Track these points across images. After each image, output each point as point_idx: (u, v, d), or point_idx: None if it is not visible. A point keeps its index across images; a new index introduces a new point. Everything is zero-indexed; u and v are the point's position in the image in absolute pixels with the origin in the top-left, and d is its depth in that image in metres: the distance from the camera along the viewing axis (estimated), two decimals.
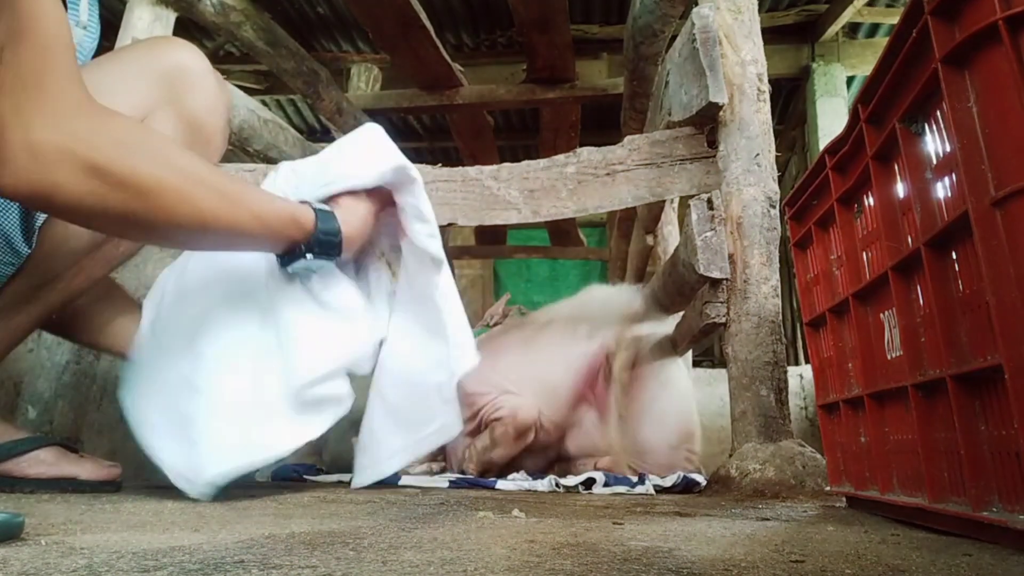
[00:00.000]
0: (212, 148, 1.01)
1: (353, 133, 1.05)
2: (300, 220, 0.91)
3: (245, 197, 0.84)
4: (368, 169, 0.98)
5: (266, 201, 0.88)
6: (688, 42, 1.38)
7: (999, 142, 0.55)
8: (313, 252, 0.92)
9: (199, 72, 0.99)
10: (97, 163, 0.68)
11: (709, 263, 1.28)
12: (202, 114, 0.98)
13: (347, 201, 0.98)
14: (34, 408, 1.39)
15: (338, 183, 0.97)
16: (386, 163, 0.99)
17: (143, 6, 1.85)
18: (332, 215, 0.95)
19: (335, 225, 0.94)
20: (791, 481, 1.10)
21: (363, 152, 1.01)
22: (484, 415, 1.58)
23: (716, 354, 4.96)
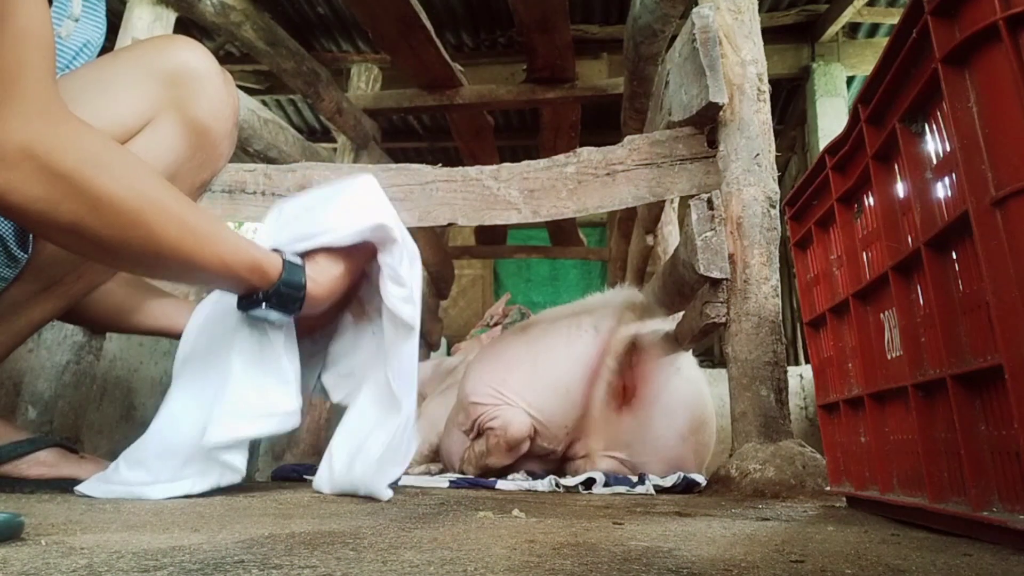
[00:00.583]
0: (218, 153, 0.99)
1: (347, 182, 1.01)
2: (265, 268, 0.88)
3: (210, 234, 0.81)
4: (347, 226, 0.94)
5: (232, 242, 0.84)
6: (688, 42, 1.38)
7: (999, 142, 0.55)
8: (270, 303, 0.89)
9: (205, 74, 0.95)
10: (56, 169, 0.67)
11: (709, 263, 1.28)
12: (208, 119, 0.95)
13: (323, 259, 0.94)
14: (34, 408, 1.39)
15: (316, 239, 0.93)
16: (366, 221, 0.94)
17: (143, 6, 1.85)
18: (301, 269, 0.91)
19: (300, 280, 0.91)
20: (791, 481, 1.10)
21: (349, 206, 0.97)
22: (480, 423, 1.58)
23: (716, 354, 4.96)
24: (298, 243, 0.93)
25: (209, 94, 0.95)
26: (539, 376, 1.58)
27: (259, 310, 0.90)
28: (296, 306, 0.91)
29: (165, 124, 0.92)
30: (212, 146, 0.97)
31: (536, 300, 6.21)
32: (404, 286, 0.96)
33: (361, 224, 0.94)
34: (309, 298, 0.91)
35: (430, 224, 1.52)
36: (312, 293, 0.91)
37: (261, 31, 2.15)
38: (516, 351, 1.67)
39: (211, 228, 0.82)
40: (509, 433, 1.53)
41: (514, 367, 1.61)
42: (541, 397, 1.56)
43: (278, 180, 1.56)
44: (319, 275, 0.93)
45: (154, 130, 0.92)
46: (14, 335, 0.93)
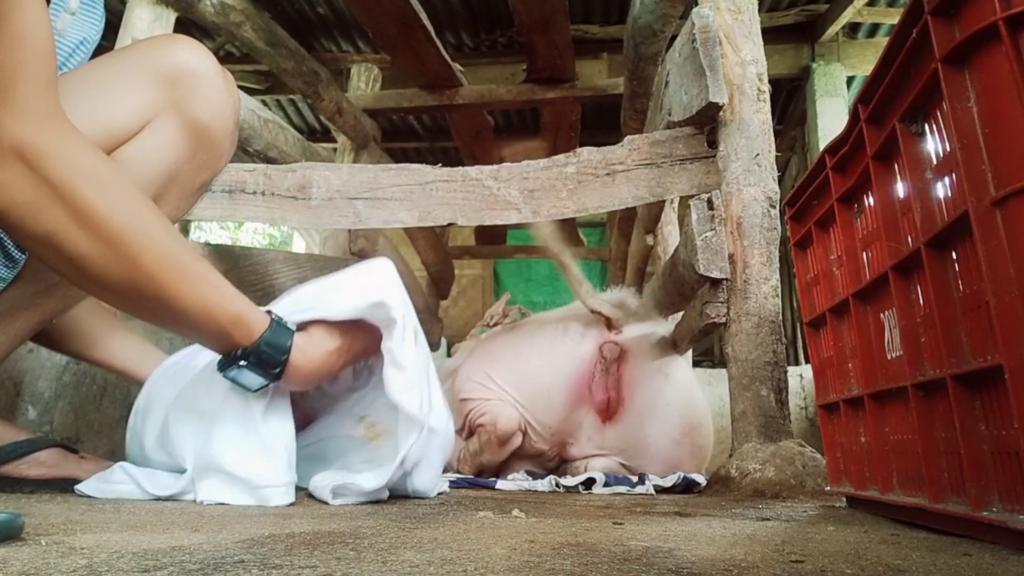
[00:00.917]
0: (218, 153, 0.97)
1: (365, 264, 0.97)
2: (249, 322, 0.82)
3: (195, 274, 0.77)
4: (345, 302, 0.90)
5: (217, 288, 0.80)
6: (688, 42, 1.38)
7: (999, 142, 0.55)
8: (249, 361, 0.83)
9: (205, 74, 0.93)
10: (45, 175, 0.66)
11: (709, 263, 1.28)
12: (208, 119, 0.93)
13: (317, 331, 0.89)
14: (34, 408, 1.39)
15: (312, 312, 0.90)
16: (365, 298, 0.90)
17: (143, 6, 1.85)
18: (290, 334, 0.86)
19: (285, 343, 0.85)
20: (791, 481, 1.10)
21: (354, 285, 0.92)
22: (471, 420, 1.58)
23: (716, 354, 4.96)
24: (296, 314, 0.89)
25: (209, 94, 0.93)
26: (522, 372, 1.58)
27: (235, 369, 0.84)
28: (276, 371, 0.85)
29: (165, 125, 0.91)
30: (213, 146, 0.95)
31: (536, 300, 6.21)
32: (405, 371, 0.89)
33: (359, 301, 0.90)
34: (293, 366, 0.85)
35: (430, 224, 1.52)
36: (297, 362, 0.85)
37: (261, 31, 2.15)
38: (502, 346, 1.68)
39: (197, 268, 0.78)
40: (499, 427, 1.53)
41: (498, 360, 1.62)
42: (525, 393, 1.56)
43: (278, 180, 1.56)
44: (309, 346, 0.87)
45: (154, 131, 0.90)
46: (13, 336, 0.93)
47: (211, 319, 0.79)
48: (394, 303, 0.90)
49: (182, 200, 0.98)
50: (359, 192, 1.54)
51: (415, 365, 0.90)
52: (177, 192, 0.96)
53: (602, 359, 1.55)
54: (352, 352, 0.92)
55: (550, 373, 1.56)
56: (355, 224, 1.56)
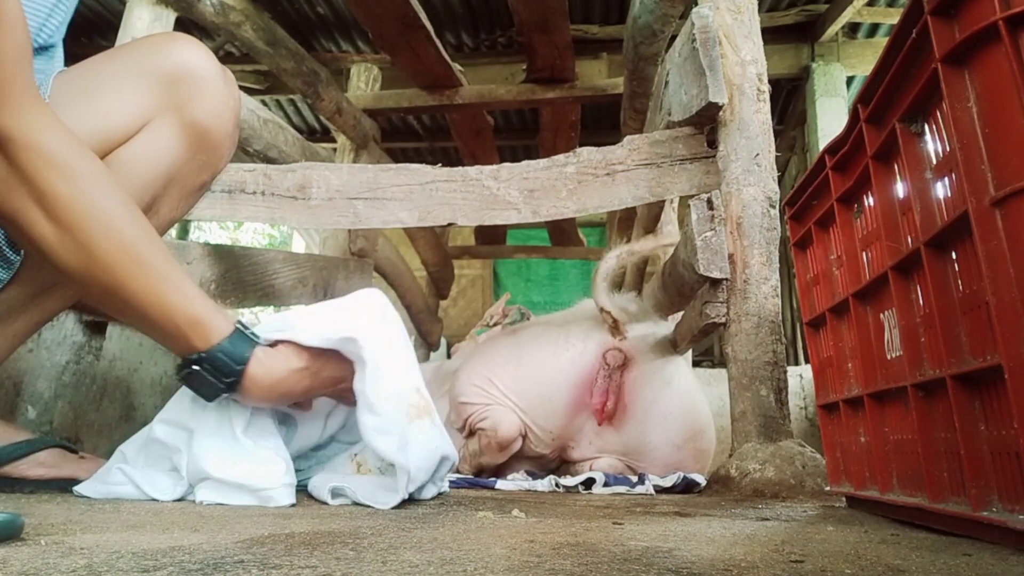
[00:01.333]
0: (218, 154, 0.96)
1: (355, 295, 0.96)
2: (207, 327, 0.81)
3: (158, 271, 0.76)
4: (314, 330, 0.88)
5: (179, 288, 0.79)
6: (688, 42, 1.38)
7: (999, 142, 0.55)
8: (203, 366, 0.82)
9: (206, 74, 0.92)
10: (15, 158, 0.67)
11: (709, 263, 1.28)
12: (207, 120, 0.92)
13: (285, 349, 0.87)
14: (34, 408, 1.39)
15: (284, 332, 0.88)
16: (336, 331, 0.87)
17: (143, 6, 1.85)
18: (251, 345, 0.84)
19: (243, 354, 0.83)
20: (791, 481, 1.10)
21: (334, 314, 0.90)
22: (471, 423, 1.58)
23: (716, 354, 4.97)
24: (271, 332, 0.88)
25: (209, 95, 0.92)
26: (524, 377, 1.58)
27: (187, 371, 0.83)
28: (230, 380, 0.83)
29: (163, 126, 0.90)
30: (212, 148, 0.94)
31: (536, 300, 6.21)
32: (380, 415, 0.86)
33: (329, 333, 0.87)
34: (250, 378, 0.83)
35: (430, 224, 1.52)
36: (254, 374, 0.83)
37: (261, 31, 2.14)
38: (504, 350, 1.67)
39: (160, 266, 0.77)
40: (500, 433, 1.53)
41: (500, 364, 1.62)
42: (526, 399, 1.56)
43: (278, 180, 1.56)
44: (271, 360, 0.85)
45: (152, 132, 0.90)
46: (12, 337, 0.93)
47: (168, 318, 0.78)
48: (367, 341, 0.87)
49: (182, 201, 0.98)
50: (359, 192, 1.54)
51: (393, 405, 0.87)
52: (176, 193, 0.95)
53: (605, 365, 1.55)
54: (321, 378, 0.89)
55: (552, 379, 1.55)
56: (355, 224, 1.56)
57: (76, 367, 1.45)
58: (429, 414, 0.92)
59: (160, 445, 0.93)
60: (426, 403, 0.92)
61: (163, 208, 0.95)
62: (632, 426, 1.56)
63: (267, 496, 0.85)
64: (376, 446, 0.86)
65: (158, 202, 0.94)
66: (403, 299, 3.41)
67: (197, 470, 0.88)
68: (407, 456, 0.86)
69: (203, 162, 0.95)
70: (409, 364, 0.94)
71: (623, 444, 1.57)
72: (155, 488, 0.90)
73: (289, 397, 0.89)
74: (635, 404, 1.55)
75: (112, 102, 0.87)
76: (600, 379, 1.55)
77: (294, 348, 0.87)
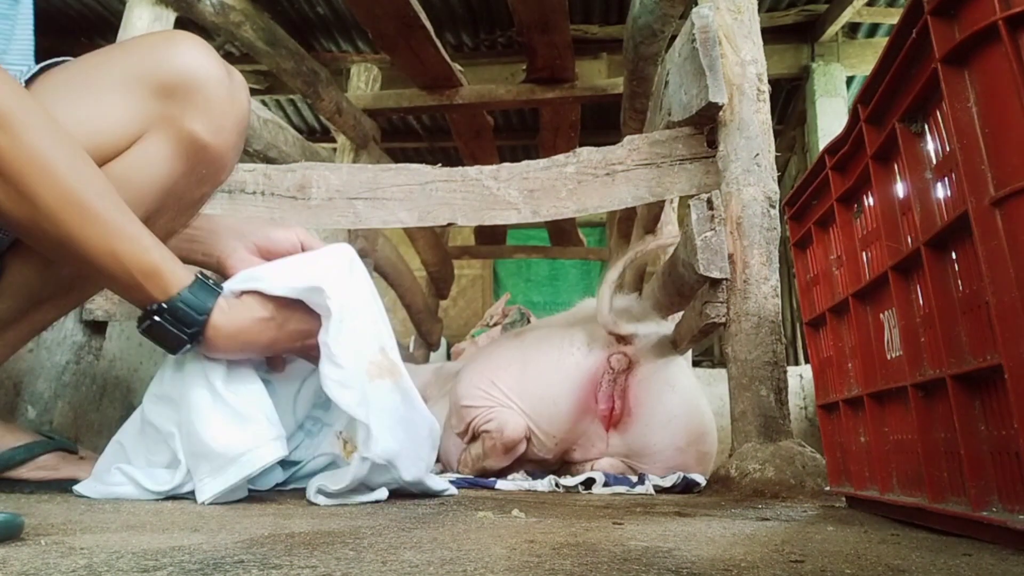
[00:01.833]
0: (220, 166, 0.90)
1: (326, 248, 0.95)
2: (164, 277, 0.79)
3: (108, 221, 0.74)
4: (281, 279, 0.87)
5: (133, 238, 0.76)
6: (688, 42, 1.38)
7: (999, 142, 0.55)
8: (163, 316, 0.80)
9: (205, 83, 0.84)
10: None
11: (709, 263, 1.28)
12: (206, 136, 0.85)
13: (251, 299, 0.86)
14: (34, 408, 1.39)
15: (250, 283, 0.87)
16: (302, 280, 0.87)
17: (143, 6, 1.85)
18: (213, 294, 0.83)
19: (206, 304, 0.82)
20: (791, 481, 1.10)
21: (302, 265, 0.90)
22: (475, 426, 1.57)
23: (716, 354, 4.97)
24: (237, 283, 0.88)
25: (210, 107, 0.85)
26: (528, 381, 1.57)
27: (148, 322, 0.81)
28: (193, 331, 0.82)
29: (157, 141, 0.84)
30: (212, 162, 0.89)
31: (536, 300, 6.21)
32: (342, 368, 0.86)
33: (295, 282, 0.87)
34: (213, 326, 0.83)
35: (430, 224, 1.52)
36: (218, 322, 0.83)
37: (261, 31, 2.15)
38: (507, 354, 1.66)
39: (112, 215, 0.74)
40: (505, 435, 1.52)
41: (504, 368, 1.61)
42: (530, 402, 1.55)
43: (278, 180, 1.56)
44: (234, 309, 0.84)
45: (144, 148, 0.84)
46: (4, 347, 0.90)
47: (122, 268, 0.76)
48: (332, 291, 0.86)
49: (181, 214, 0.94)
50: (359, 192, 1.54)
51: (354, 358, 0.87)
52: (174, 207, 0.91)
53: (610, 370, 1.55)
54: (287, 330, 0.88)
55: (556, 383, 1.54)
56: (355, 224, 1.56)
57: (76, 367, 1.45)
58: (392, 375, 0.90)
59: (154, 429, 0.92)
60: (391, 364, 0.91)
61: (160, 220, 0.91)
62: (636, 429, 1.55)
63: (251, 460, 0.84)
64: (337, 399, 0.86)
65: (154, 217, 0.89)
66: (403, 299, 3.41)
67: (191, 450, 0.87)
68: (367, 411, 0.86)
69: (203, 176, 0.90)
70: (376, 320, 0.93)
71: (627, 447, 1.57)
72: (155, 482, 0.89)
73: (254, 347, 0.88)
74: (639, 407, 1.55)
75: (102, 110, 0.82)
76: (605, 383, 1.55)
77: (259, 298, 0.87)
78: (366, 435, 0.86)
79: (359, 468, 0.86)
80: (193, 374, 0.89)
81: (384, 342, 0.92)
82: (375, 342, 0.91)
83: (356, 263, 0.94)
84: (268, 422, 0.88)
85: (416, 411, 0.93)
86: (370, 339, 0.91)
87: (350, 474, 0.86)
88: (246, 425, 0.86)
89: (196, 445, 0.87)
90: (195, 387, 0.88)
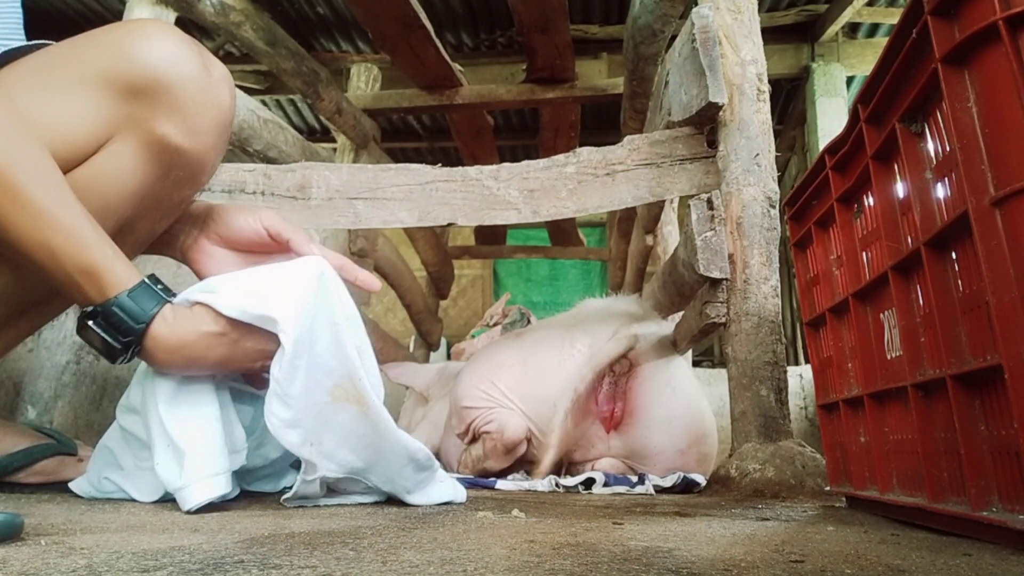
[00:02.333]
0: (200, 168, 0.84)
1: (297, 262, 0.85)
2: (102, 278, 0.72)
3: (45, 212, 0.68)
4: (234, 298, 0.77)
5: (73, 233, 0.70)
6: (688, 42, 1.38)
7: (999, 142, 0.55)
8: (96, 321, 0.73)
9: (176, 81, 0.77)
10: None
11: (709, 263, 1.28)
12: (179, 139, 0.79)
13: (201, 311, 0.77)
14: (34, 408, 1.39)
15: (205, 295, 0.78)
16: (255, 305, 0.77)
17: (143, 6, 1.85)
18: (157, 301, 0.75)
19: (146, 309, 0.74)
20: (791, 481, 1.10)
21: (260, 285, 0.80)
22: (475, 427, 1.57)
23: (716, 354, 4.97)
24: (196, 292, 0.79)
25: (182, 107, 0.78)
26: (529, 382, 1.57)
27: (84, 328, 0.74)
28: (128, 340, 0.74)
29: (125, 146, 0.78)
30: (189, 165, 0.82)
31: (536, 300, 6.22)
32: (290, 407, 0.78)
33: (248, 306, 0.77)
34: (152, 337, 0.74)
35: (430, 224, 1.52)
36: (158, 332, 0.74)
37: (261, 31, 2.15)
38: (508, 355, 1.66)
39: (51, 207, 0.69)
40: (506, 436, 1.52)
41: (504, 369, 1.60)
42: (530, 404, 1.55)
43: (278, 180, 1.56)
44: (179, 320, 0.76)
45: (112, 153, 0.78)
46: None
47: (56, 263, 0.70)
48: (288, 323, 0.77)
49: (162, 217, 0.89)
50: (359, 192, 1.54)
51: (305, 399, 0.79)
52: (153, 211, 0.86)
53: (611, 372, 1.55)
54: (243, 347, 0.79)
55: (558, 384, 1.54)
56: (355, 224, 1.56)
57: (76, 367, 1.45)
58: (359, 403, 0.82)
59: (133, 436, 0.89)
60: (357, 393, 0.82)
61: (140, 225, 0.86)
62: (637, 431, 1.55)
63: (188, 495, 0.77)
64: (281, 438, 0.79)
65: (132, 223, 0.84)
66: (403, 299, 3.41)
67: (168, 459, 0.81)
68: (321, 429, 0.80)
69: (180, 179, 0.84)
70: (344, 349, 0.83)
71: (627, 448, 1.57)
72: (141, 492, 0.87)
73: (202, 363, 0.78)
74: (640, 409, 1.55)
75: (63, 114, 0.75)
76: (606, 385, 1.55)
77: (212, 315, 0.77)
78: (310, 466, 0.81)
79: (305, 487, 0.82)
80: (148, 391, 0.82)
81: (352, 371, 0.82)
82: (342, 369, 0.82)
83: (327, 280, 0.84)
84: (208, 455, 0.79)
85: (389, 441, 0.85)
86: (336, 367, 0.82)
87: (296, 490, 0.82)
88: (182, 458, 0.79)
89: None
90: (150, 406, 0.82)
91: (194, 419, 0.81)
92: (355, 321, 0.87)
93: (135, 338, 0.74)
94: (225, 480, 0.79)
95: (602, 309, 1.79)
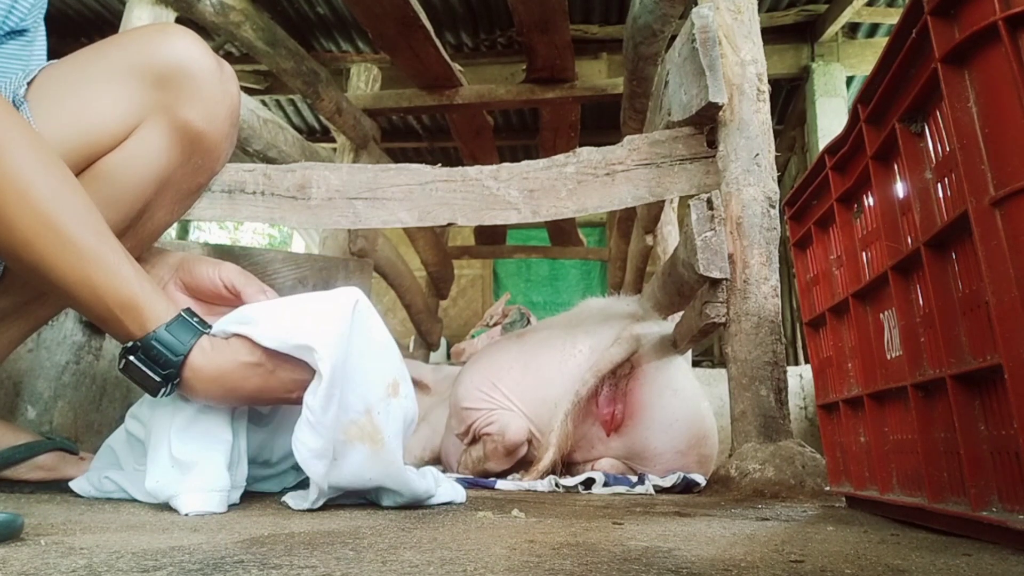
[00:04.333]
0: (215, 156, 0.91)
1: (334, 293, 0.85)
2: (142, 312, 0.73)
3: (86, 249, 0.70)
4: (273, 329, 0.78)
5: (111, 268, 0.72)
6: (688, 42, 1.38)
7: (999, 142, 0.55)
8: (136, 356, 0.74)
9: (198, 72, 0.86)
10: None
11: (709, 263, 1.28)
12: (201, 124, 0.86)
13: (238, 342, 0.78)
14: (34, 408, 1.39)
15: (242, 326, 0.79)
16: (295, 335, 0.77)
17: (143, 6, 1.85)
18: (194, 333, 0.76)
19: (185, 341, 0.75)
20: (791, 481, 1.10)
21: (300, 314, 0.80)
22: (476, 429, 1.57)
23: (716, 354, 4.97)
24: (232, 324, 0.80)
25: (203, 96, 0.86)
26: (529, 383, 1.57)
27: (124, 361, 0.75)
28: (168, 373, 0.75)
29: (153, 131, 0.84)
30: (208, 151, 0.89)
31: (536, 300, 6.22)
32: (320, 436, 0.77)
33: (287, 335, 0.77)
34: (191, 368, 0.75)
35: (430, 224, 1.52)
36: (196, 363, 0.75)
37: (261, 31, 2.15)
38: (508, 356, 1.66)
39: (89, 242, 0.71)
40: (507, 437, 1.52)
41: (505, 370, 1.60)
42: (531, 405, 1.55)
43: (277, 180, 1.56)
44: (217, 352, 0.77)
45: (141, 138, 0.84)
46: (6, 344, 0.90)
47: (97, 300, 0.72)
48: (326, 351, 0.76)
49: (177, 204, 0.95)
50: (359, 192, 1.54)
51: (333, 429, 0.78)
52: (171, 197, 0.92)
53: (612, 374, 1.55)
54: (279, 378, 0.80)
55: (558, 387, 1.54)
56: (355, 224, 1.56)
57: (76, 367, 1.45)
58: (372, 442, 0.82)
59: (137, 440, 0.90)
60: (372, 429, 0.82)
61: (157, 212, 0.92)
62: (637, 433, 1.55)
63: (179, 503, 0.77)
64: (309, 468, 0.78)
65: (151, 207, 0.90)
66: (403, 299, 3.41)
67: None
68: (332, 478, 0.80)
69: (198, 165, 0.91)
70: (369, 378, 0.83)
71: (628, 450, 1.56)
72: (141, 492, 0.87)
73: (238, 394, 0.80)
74: (640, 411, 1.55)
75: (97, 105, 0.82)
76: (607, 387, 1.55)
77: (249, 346, 0.78)
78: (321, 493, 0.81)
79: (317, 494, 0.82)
80: (160, 415, 0.83)
81: (372, 403, 0.82)
82: (361, 404, 0.81)
83: (361, 309, 0.84)
84: (212, 474, 0.80)
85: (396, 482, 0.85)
86: (354, 402, 0.81)
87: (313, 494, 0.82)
88: (185, 471, 0.79)
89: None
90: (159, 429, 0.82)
91: (204, 450, 0.81)
92: (391, 350, 0.87)
93: (174, 370, 0.76)
94: (220, 499, 0.79)
95: (603, 309, 1.79)
